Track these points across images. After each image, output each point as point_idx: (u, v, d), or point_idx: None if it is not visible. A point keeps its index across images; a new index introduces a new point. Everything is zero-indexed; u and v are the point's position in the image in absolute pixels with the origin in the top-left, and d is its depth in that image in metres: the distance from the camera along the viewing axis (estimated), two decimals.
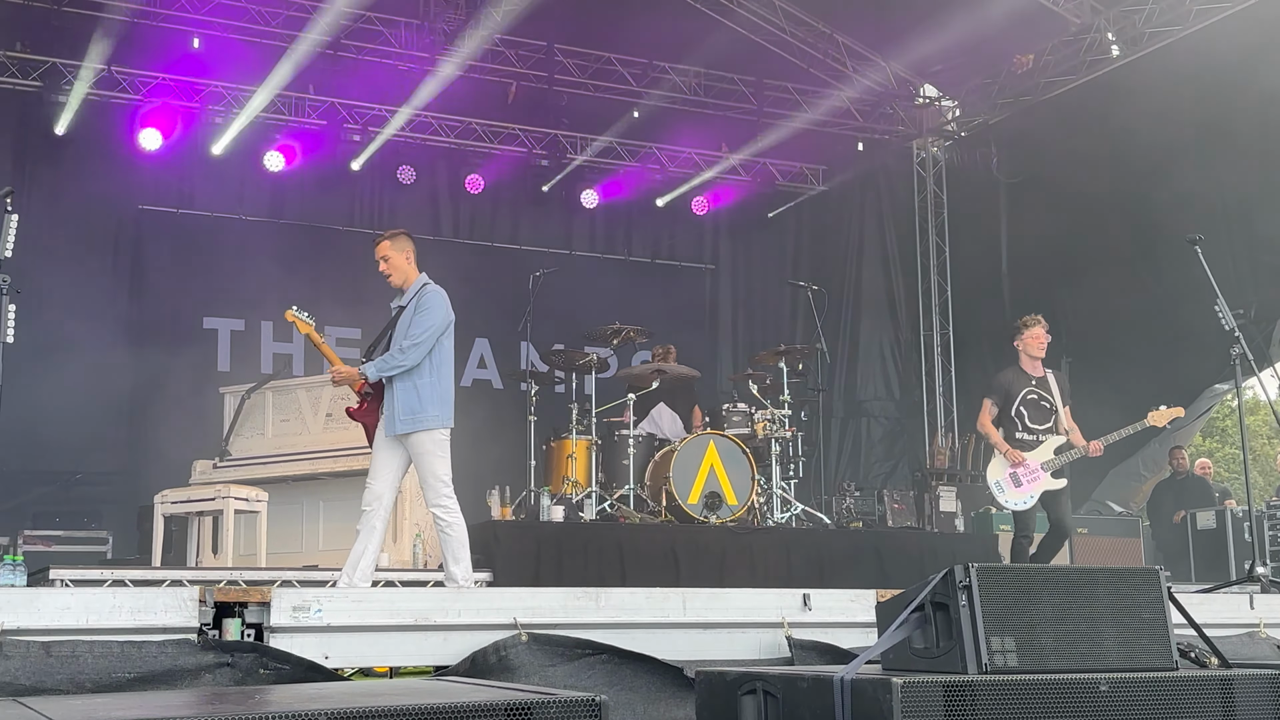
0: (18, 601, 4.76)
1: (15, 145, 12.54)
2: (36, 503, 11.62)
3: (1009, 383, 9.26)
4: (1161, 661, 4.27)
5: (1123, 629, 4.29)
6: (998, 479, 9.01)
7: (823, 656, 5.57)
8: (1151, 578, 4.42)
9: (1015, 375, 9.31)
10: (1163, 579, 4.45)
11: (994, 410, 9.19)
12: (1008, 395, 9.17)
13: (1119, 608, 4.32)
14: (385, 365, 6.98)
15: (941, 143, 16.36)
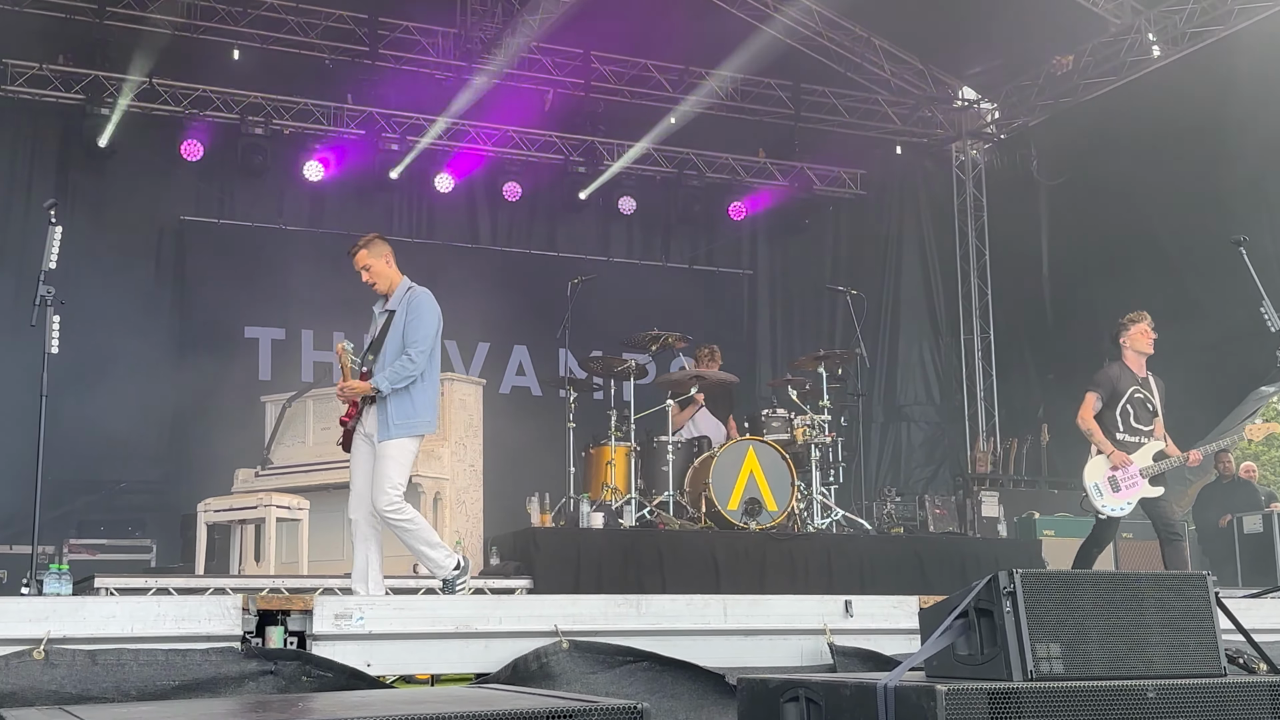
0: (64, 610, 4.80)
1: (59, 158, 12.69)
2: (82, 511, 11.73)
3: (1116, 378, 8.68)
4: (1209, 668, 4.21)
5: (1170, 635, 4.23)
6: (1096, 481, 8.47)
7: (865, 663, 5.53)
8: (1199, 583, 4.36)
9: (1122, 371, 8.72)
10: (1210, 584, 4.39)
11: (1097, 405, 8.60)
12: (1114, 391, 8.62)
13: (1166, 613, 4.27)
14: (398, 377, 6.90)
15: (981, 145, 16.27)
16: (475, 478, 10.03)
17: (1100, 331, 14.40)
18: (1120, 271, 14.14)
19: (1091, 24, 13.60)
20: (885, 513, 11.45)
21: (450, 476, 9.67)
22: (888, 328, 15.94)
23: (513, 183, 14.22)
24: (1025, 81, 14.97)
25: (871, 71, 15.27)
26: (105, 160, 12.61)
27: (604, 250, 14.97)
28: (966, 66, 15.30)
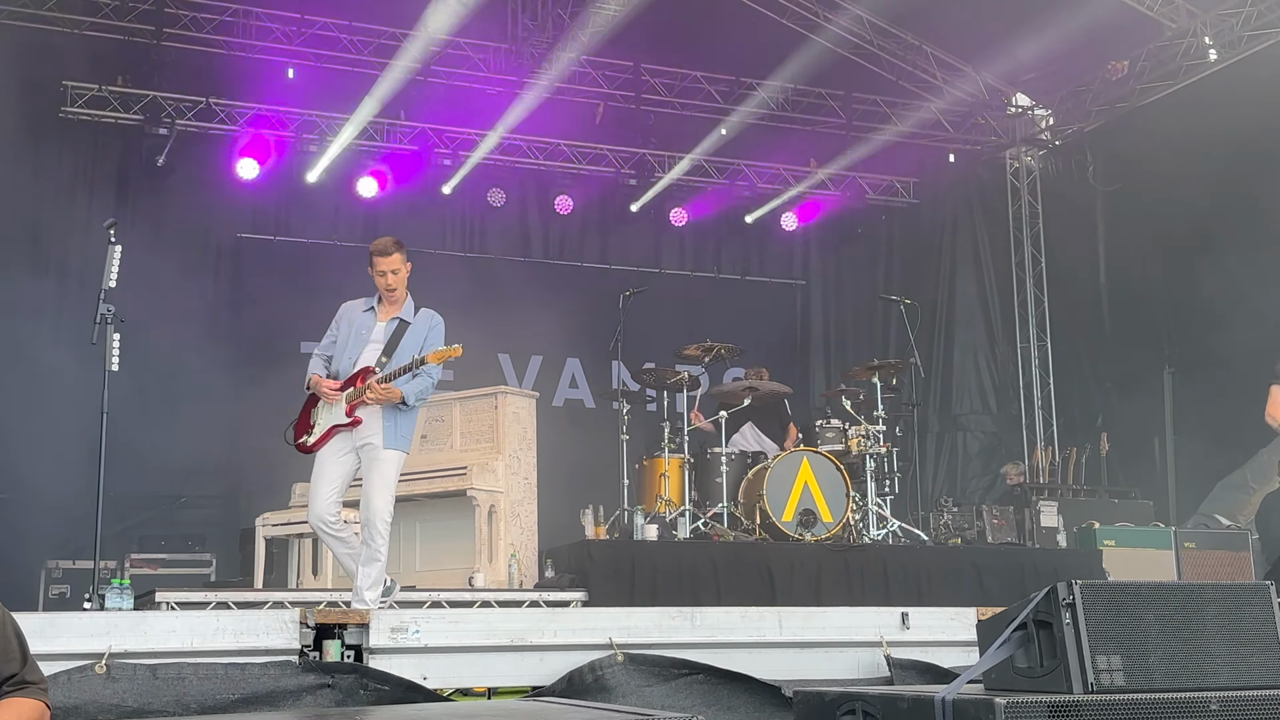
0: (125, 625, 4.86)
1: (119, 178, 12.88)
2: (143, 527, 11.86)
3: None
4: (1272, 679, 4.14)
5: (1232, 646, 4.17)
6: None
7: (923, 676, 5.50)
8: (1261, 593, 4.30)
9: None
10: (1273, 594, 4.32)
11: None
12: None
13: (1228, 624, 4.21)
14: (424, 392, 6.95)
15: (1035, 152, 16.15)
16: (529, 491, 10.06)
17: (1159, 339, 14.31)
18: (1179, 278, 13.97)
19: (1147, 28, 13.45)
20: (942, 523, 11.36)
21: (505, 490, 9.70)
22: (942, 337, 15.82)
23: (564, 196, 14.27)
24: (1080, 87, 14.82)
25: (923, 79, 15.19)
26: (163, 179, 12.79)
27: (656, 262, 14.98)
28: (1020, 73, 15.17)
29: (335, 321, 7.18)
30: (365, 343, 7.03)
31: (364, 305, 7.19)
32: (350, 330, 7.08)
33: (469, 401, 10.02)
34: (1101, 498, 13.00)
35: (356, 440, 6.84)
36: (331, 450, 6.86)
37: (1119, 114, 14.52)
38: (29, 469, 10.88)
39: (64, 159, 12.74)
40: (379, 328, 7.10)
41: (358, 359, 6.96)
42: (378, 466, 6.81)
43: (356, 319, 7.12)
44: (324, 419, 6.93)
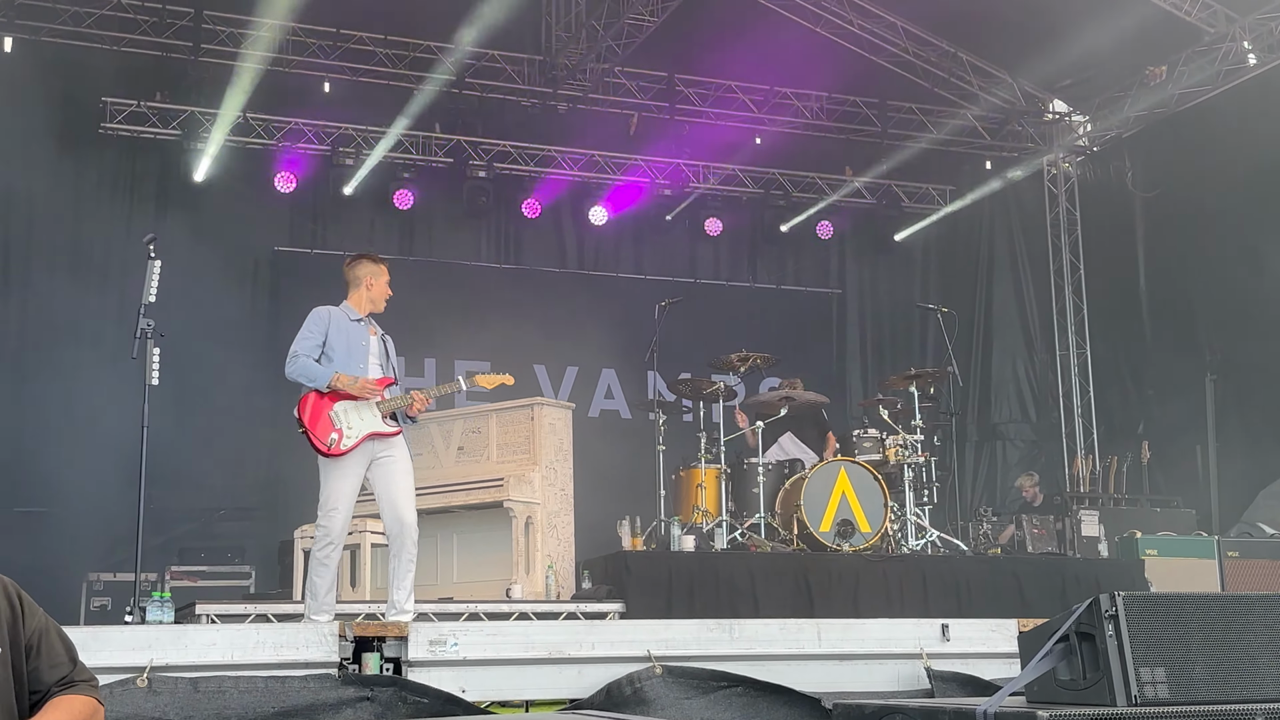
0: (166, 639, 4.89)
1: (157, 193, 12.99)
2: (183, 539, 11.94)
3: None
4: None
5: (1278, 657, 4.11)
6: None
7: (964, 688, 5.45)
8: None
9: None
10: None
11: None
12: None
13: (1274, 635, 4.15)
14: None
15: (1073, 158, 16.05)
16: (566, 502, 10.06)
17: (1200, 346, 14.17)
18: (1220, 285, 13.84)
19: (1185, 33, 13.34)
20: (981, 533, 11.28)
21: (541, 501, 9.70)
22: (980, 345, 15.75)
23: (599, 207, 14.29)
24: (1117, 93, 14.72)
25: (959, 87, 15.12)
26: (201, 194, 12.89)
27: (691, 272, 14.97)
28: (1057, 79, 15.09)
29: (320, 327, 6.99)
30: (366, 355, 7.03)
31: (351, 315, 7.11)
32: (343, 339, 6.99)
33: (505, 413, 10.03)
34: (1143, 506, 12.88)
35: (377, 451, 6.84)
36: (356, 461, 6.80)
37: (1157, 119, 14.41)
38: (71, 483, 10.99)
39: (103, 175, 12.87)
40: (373, 341, 7.13)
41: (368, 372, 6.97)
42: (404, 478, 6.83)
43: (347, 328, 7.04)
44: (357, 424, 6.81)
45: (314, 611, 6.63)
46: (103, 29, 12.61)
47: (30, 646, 2.98)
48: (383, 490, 6.84)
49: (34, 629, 3.00)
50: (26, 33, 12.44)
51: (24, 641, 2.97)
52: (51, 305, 12.19)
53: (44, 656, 2.99)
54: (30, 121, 12.10)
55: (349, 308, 7.14)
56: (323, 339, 6.94)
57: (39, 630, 3.01)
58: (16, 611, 2.99)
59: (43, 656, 2.99)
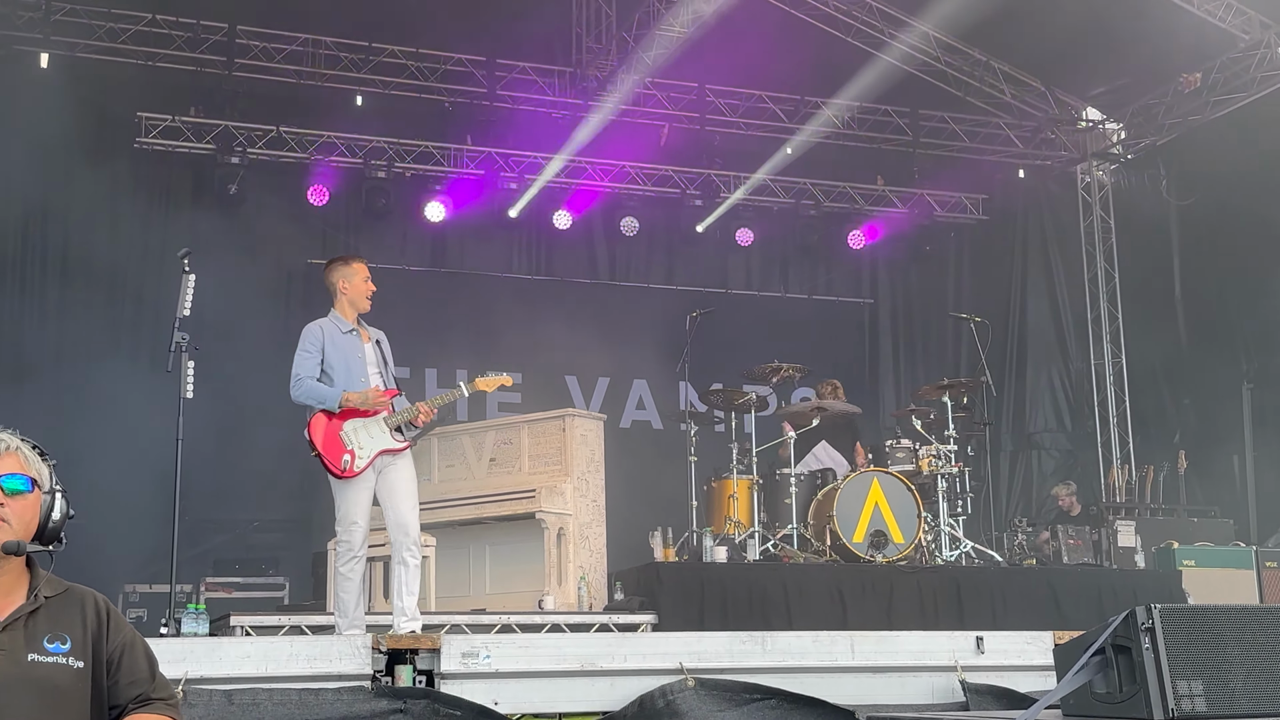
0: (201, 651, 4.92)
1: (191, 207, 13.09)
2: (217, 550, 12.01)
3: None
4: None
5: None
6: None
7: (999, 701, 5.42)
8: None
9: None
10: None
11: None
12: None
13: None
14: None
15: (1107, 166, 15.95)
16: (598, 513, 10.06)
17: (1237, 355, 14.05)
18: (1258, 292, 13.72)
19: (1219, 40, 13.24)
20: (1016, 544, 11.20)
21: (573, 512, 9.71)
22: (1014, 354, 15.66)
23: (630, 217, 14.29)
24: (1151, 100, 14.62)
25: (991, 95, 15.06)
26: (235, 208, 12.96)
27: (722, 282, 14.96)
28: (1090, 87, 15.01)
29: (315, 345, 7.02)
30: (365, 367, 7.06)
31: (343, 327, 7.12)
32: (340, 354, 7.02)
33: (537, 424, 10.05)
34: (1180, 517, 12.77)
35: (384, 463, 6.89)
36: (367, 477, 6.86)
37: (1192, 127, 14.30)
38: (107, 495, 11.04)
39: (139, 189, 12.97)
40: (366, 349, 7.13)
41: (369, 385, 7.00)
42: (407, 484, 6.88)
43: (341, 342, 7.06)
44: (368, 443, 6.86)
45: (345, 629, 6.66)
46: (137, 44, 12.72)
47: (112, 661, 3.00)
48: (386, 497, 6.89)
49: (118, 644, 3.02)
50: (62, 49, 12.57)
51: (106, 656, 2.99)
52: (87, 318, 12.29)
53: (124, 672, 3.00)
54: (66, 136, 12.21)
55: (337, 317, 7.14)
56: (320, 357, 6.99)
57: (124, 645, 3.03)
58: (103, 625, 3.02)
59: (123, 672, 3.00)
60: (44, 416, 11.55)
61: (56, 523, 3.07)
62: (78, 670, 2.93)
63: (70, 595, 3.06)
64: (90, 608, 3.03)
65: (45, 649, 2.91)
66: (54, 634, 2.94)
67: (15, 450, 3.03)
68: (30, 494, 3.02)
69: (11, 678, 2.85)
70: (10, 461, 3.01)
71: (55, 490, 3.09)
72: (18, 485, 2.99)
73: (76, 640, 2.96)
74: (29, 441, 3.09)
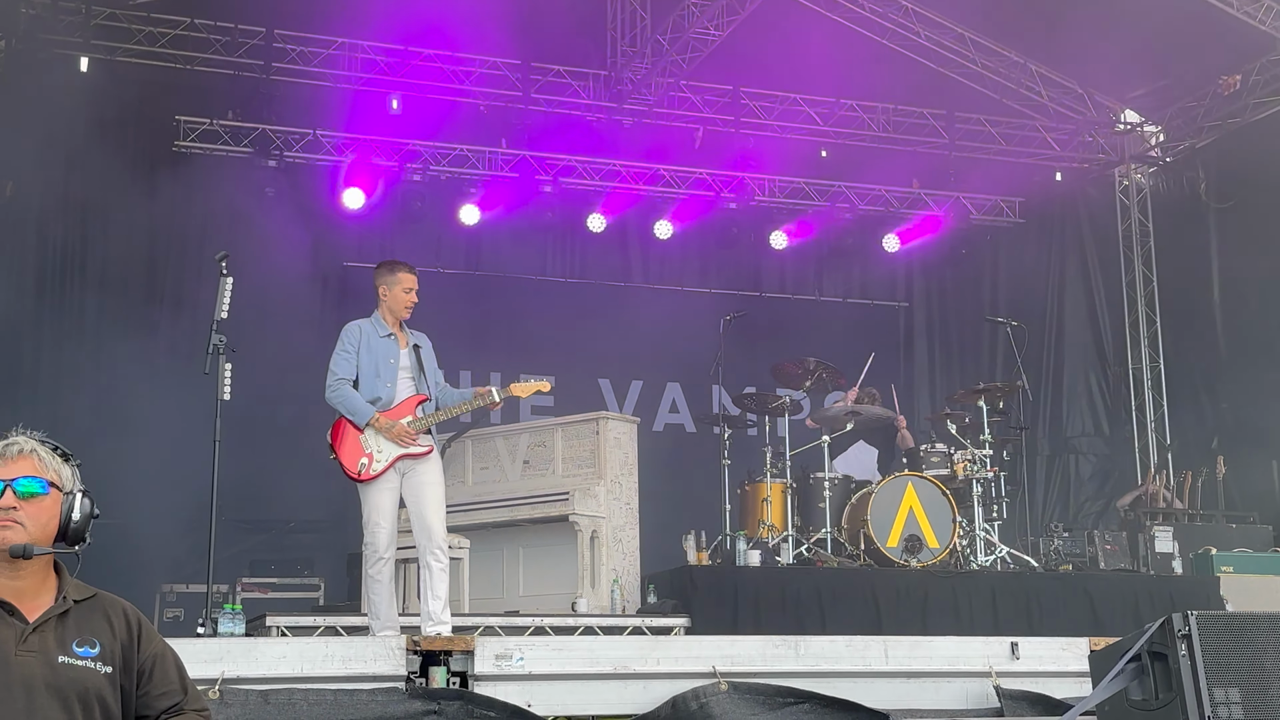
0: (237, 651, 4.95)
1: (229, 210, 13.15)
2: (253, 551, 12.08)
3: None
4: None
5: None
6: None
7: (1034, 707, 5.39)
8: None
9: None
10: None
11: None
12: None
13: None
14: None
15: (1145, 169, 15.84)
16: (631, 516, 10.07)
17: (1276, 359, 13.91)
18: None
19: (1259, 41, 13.13)
20: (1052, 549, 11.13)
21: (606, 515, 9.72)
22: (1051, 359, 15.55)
23: (664, 220, 14.29)
24: (1190, 103, 14.51)
25: (1028, 97, 14.98)
26: (272, 210, 13.02)
27: (756, 285, 14.93)
28: (1128, 89, 14.90)
29: (353, 346, 7.15)
30: (397, 370, 7.16)
31: (381, 331, 7.24)
32: (371, 358, 7.13)
33: (570, 427, 10.06)
34: (1218, 522, 12.64)
35: (408, 466, 6.97)
36: (389, 479, 6.95)
37: (1231, 129, 14.19)
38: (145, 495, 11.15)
39: (177, 193, 13.05)
40: (403, 355, 7.23)
41: (397, 390, 7.09)
42: (433, 489, 6.96)
43: (376, 345, 7.17)
44: (387, 447, 6.96)
45: (378, 630, 6.69)
46: (176, 49, 12.84)
47: (143, 671, 3.02)
48: (412, 502, 6.97)
49: (150, 654, 3.05)
50: (102, 53, 12.69)
51: (136, 666, 3.02)
52: (125, 321, 12.39)
53: (156, 683, 3.03)
54: (105, 140, 12.33)
55: (378, 320, 7.30)
56: (356, 358, 7.11)
57: (155, 656, 3.06)
58: (133, 635, 3.04)
59: (154, 682, 3.03)
60: (83, 419, 11.67)
61: (78, 523, 3.08)
62: (106, 675, 2.95)
63: (98, 601, 3.08)
64: (120, 617, 3.05)
65: (75, 652, 2.94)
66: (83, 638, 2.96)
67: (31, 453, 3.04)
68: (47, 496, 3.03)
69: (42, 679, 2.87)
70: (25, 464, 3.02)
71: (77, 491, 3.11)
72: (32, 488, 3.00)
73: (105, 645, 2.98)
74: (50, 443, 3.10)
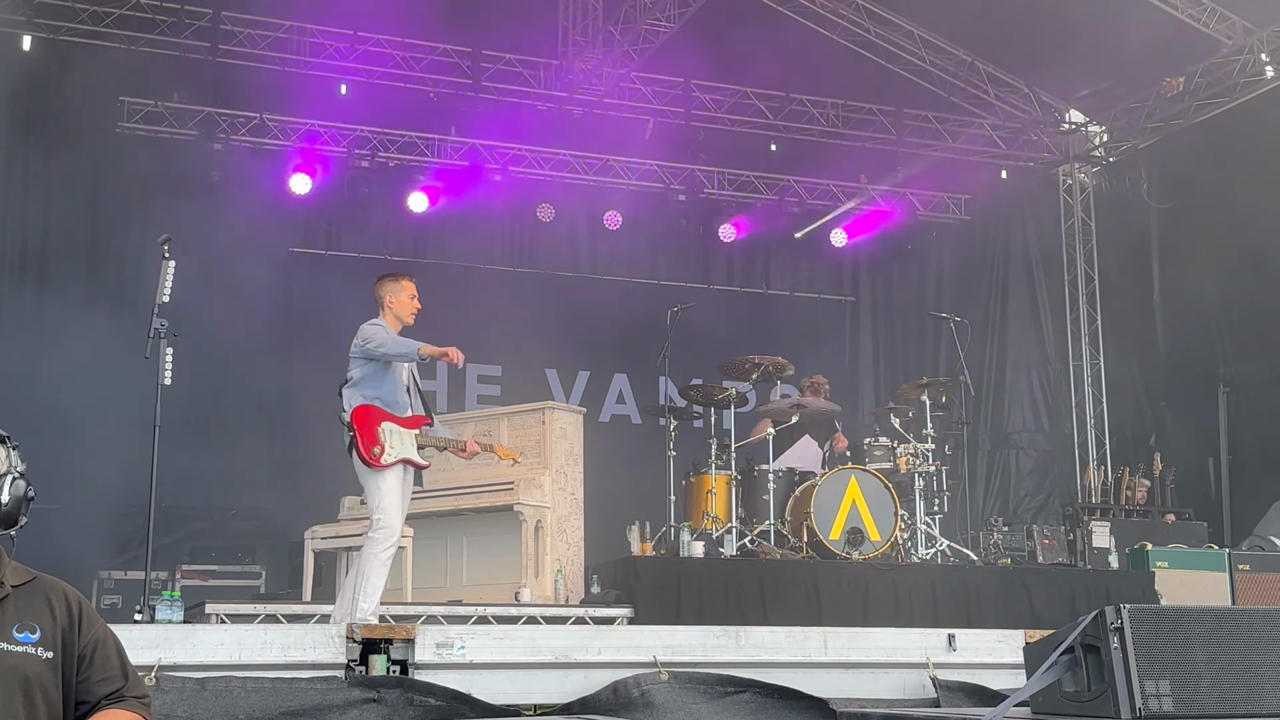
0: (175, 638, 4.91)
1: (173, 193, 12.98)
2: (194, 538, 11.98)
3: None
4: None
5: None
6: None
7: (970, 698, 5.45)
8: None
9: None
10: None
11: None
12: None
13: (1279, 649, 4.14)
14: None
15: (1089, 169, 16.02)
16: (576, 506, 10.08)
17: (1214, 357, 14.14)
18: (1236, 296, 13.80)
19: (1202, 44, 13.31)
20: (992, 543, 11.25)
21: (551, 505, 9.72)
22: (994, 354, 15.72)
23: (613, 211, 14.29)
24: (1134, 104, 14.69)
25: (976, 95, 15.11)
26: (217, 194, 12.89)
27: (704, 278, 14.98)
28: (1073, 89, 15.06)
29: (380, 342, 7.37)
30: (408, 381, 7.51)
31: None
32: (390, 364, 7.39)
33: (516, 416, 10.06)
34: (1154, 518, 12.83)
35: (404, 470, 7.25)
36: (395, 473, 7.18)
37: (1174, 130, 14.38)
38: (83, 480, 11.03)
39: (119, 174, 12.88)
40: (404, 369, 7.53)
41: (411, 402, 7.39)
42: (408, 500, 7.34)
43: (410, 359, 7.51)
44: (398, 446, 7.17)
45: (370, 613, 6.85)
46: (121, 28, 12.66)
47: (84, 656, 2.99)
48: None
49: (91, 639, 3.01)
50: (45, 31, 12.51)
51: (77, 650, 2.99)
52: (66, 303, 12.22)
53: (96, 668, 3.00)
54: (47, 120, 12.17)
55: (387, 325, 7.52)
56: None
57: (96, 640, 3.02)
58: (74, 619, 3.01)
59: (95, 668, 3.00)
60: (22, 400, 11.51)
61: (8, 507, 3.05)
62: (47, 660, 2.92)
63: (38, 584, 3.04)
64: (60, 600, 3.02)
65: (14, 638, 2.90)
66: (23, 623, 2.93)
67: None
68: None
69: None
70: None
71: (13, 473, 3.07)
72: None
73: (46, 630, 2.94)
74: None
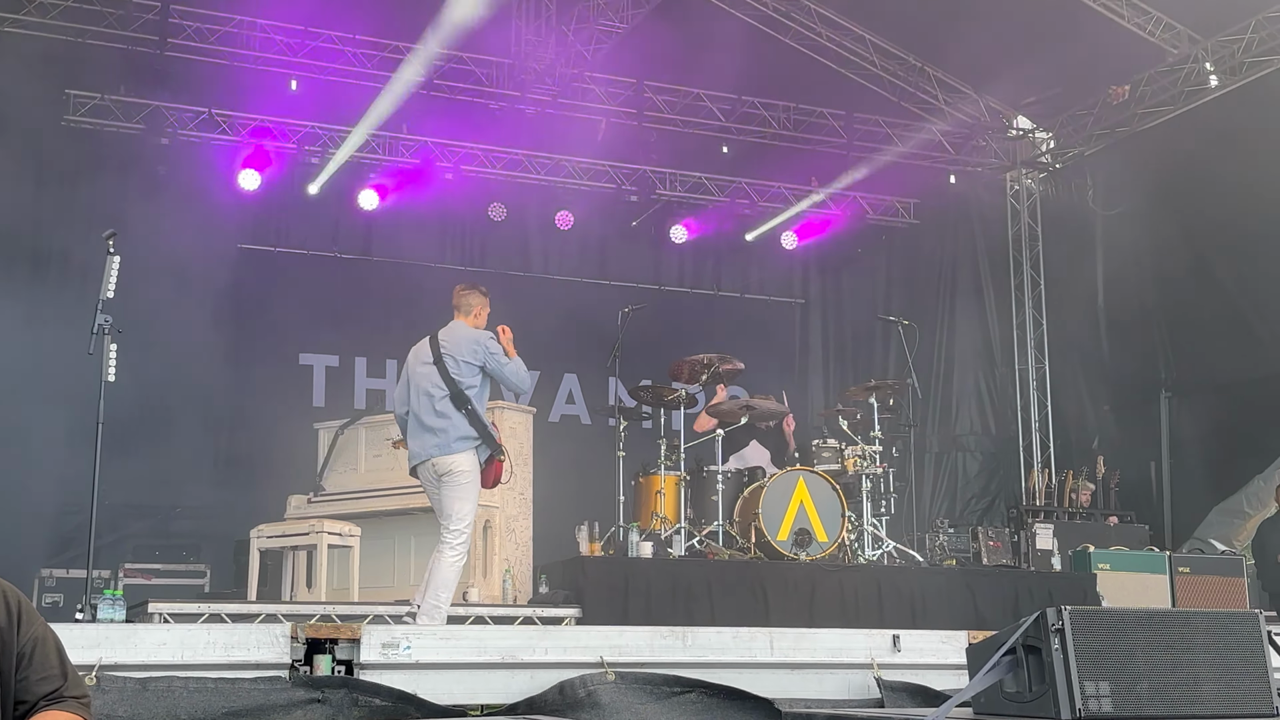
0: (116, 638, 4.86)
1: (119, 187, 12.84)
2: (137, 536, 11.86)
3: None
4: (1261, 706, 4.15)
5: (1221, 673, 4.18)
6: None
7: (914, 698, 5.50)
8: (1250, 621, 4.31)
9: None
10: (1262, 622, 4.33)
11: None
12: None
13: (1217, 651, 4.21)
14: None
15: (1036, 175, 16.19)
16: (525, 506, 10.06)
17: (1156, 362, 14.34)
18: (1178, 302, 14.00)
19: (1148, 53, 13.49)
20: (938, 545, 11.35)
21: (500, 505, 9.70)
22: (942, 358, 15.84)
23: (565, 211, 14.28)
24: (1081, 111, 14.87)
25: (925, 101, 15.23)
26: (164, 189, 12.75)
27: (655, 279, 14.99)
28: (1021, 96, 15.22)
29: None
30: None
31: None
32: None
33: None
34: (1097, 521, 13.00)
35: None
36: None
37: (1120, 138, 14.56)
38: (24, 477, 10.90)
39: (64, 168, 12.73)
40: None
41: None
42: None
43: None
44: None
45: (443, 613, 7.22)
46: (68, 20, 12.49)
47: (22, 655, 2.95)
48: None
49: (29, 638, 2.97)
50: None
51: (16, 649, 2.95)
52: (9, 297, 12.05)
53: (35, 667, 2.96)
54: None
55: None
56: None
57: (35, 640, 2.98)
58: (13, 617, 2.97)
59: (34, 667, 2.96)
60: None
61: None
62: None
63: None
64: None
65: None
66: None
67: None
68: None
69: None
70: None
71: None
72: None
73: None
74: None
